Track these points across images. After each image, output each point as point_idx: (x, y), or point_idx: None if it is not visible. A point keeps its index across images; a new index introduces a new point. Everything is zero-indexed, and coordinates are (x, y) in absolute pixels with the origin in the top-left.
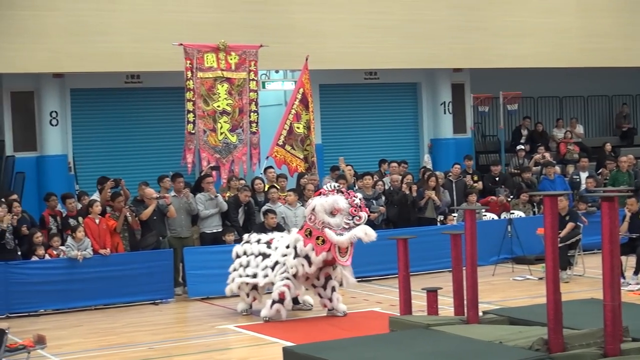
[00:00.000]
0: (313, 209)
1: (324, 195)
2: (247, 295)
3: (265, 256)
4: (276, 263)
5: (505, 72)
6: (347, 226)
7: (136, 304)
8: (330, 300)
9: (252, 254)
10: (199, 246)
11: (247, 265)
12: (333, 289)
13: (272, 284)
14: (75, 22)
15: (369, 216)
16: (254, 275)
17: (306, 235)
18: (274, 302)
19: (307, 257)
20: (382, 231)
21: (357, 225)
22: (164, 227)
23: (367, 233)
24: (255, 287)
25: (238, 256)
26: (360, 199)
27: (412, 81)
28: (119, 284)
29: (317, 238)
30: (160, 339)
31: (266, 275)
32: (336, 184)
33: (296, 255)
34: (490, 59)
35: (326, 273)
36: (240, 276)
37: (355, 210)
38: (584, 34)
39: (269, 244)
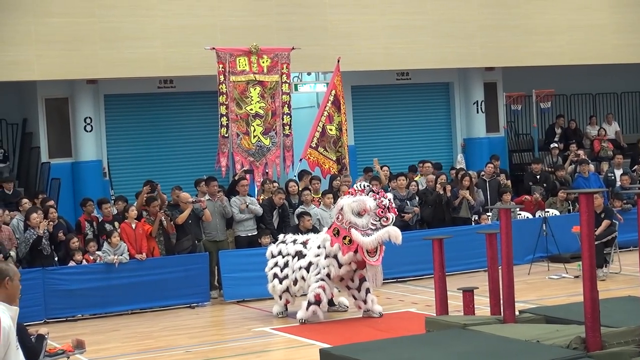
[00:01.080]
0: (341, 209)
1: (352, 194)
2: (280, 297)
3: (301, 256)
4: (310, 264)
5: (538, 70)
6: (373, 227)
7: (173, 308)
8: (365, 302)
9: (288, 254)
10: (234, 249)
11: (285, 266)
12: (367, 291)
13: (309, 285)
14: (109, 29)
15: (402, 217)
16: (286, 277)
17: (334, 234)
18: (309, 304)
19: (335, 257)
20: (417, 232)
21: (384, 226)
22: (199, 231)
23: (393, 235)
24: (287, 289)
25: (273, 256)
26: (389, 200)
27: (444, 81)
28: (155, 288)
29: (344, 238)
30: (197, 342)
31: (302, 277)
32: (366, 184)
33: (326, 256)
34: (523, 57)
35: (360, 275)
36: (276, 276)
37: (382, 212)
38: (617, 30)
39: (305, 244)
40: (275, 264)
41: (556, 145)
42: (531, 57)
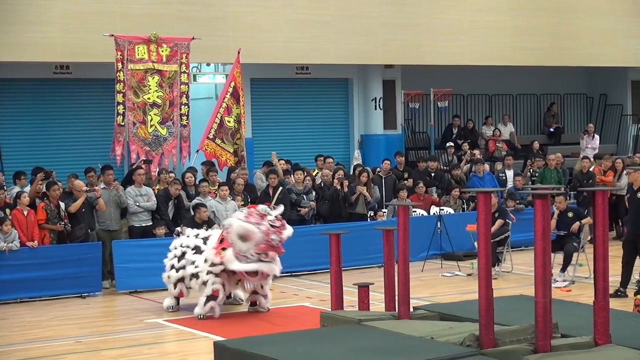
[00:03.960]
0: (230, 225)
1: (247, 217)
2: (174, 286)
3: (198, 251)
4: (205, 261)
5: (436, 69)
6: (252, 257)
7: (63, 297)
8: (265, 297)
9: (187, 246)
10: (128, 239)
11: (182, 257)
12: (262, 287)
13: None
14: (6, 12)
15: (298, 212)
16: (183, 267)
17: (220, 240)
18: (208, 299)
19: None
20: (313, 226)
21: (262, 261)
22: (93, 220)
23: (265, 271)
24: (182, 279)
25: (175, 248)
26: (279, 238)
27: (344, 77)
28: (46, 277)
29: (223, 249)
30: (87, 332)
31: (197, 274)
32: (268, 208)
33: (205, 260)
34: (422, 56)
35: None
36: (172, 266)
37: (265, 248)
38: (515, 33)
39: (205, 240)
40: (174, 255)
41: (452, 144)
42: (431, 56)
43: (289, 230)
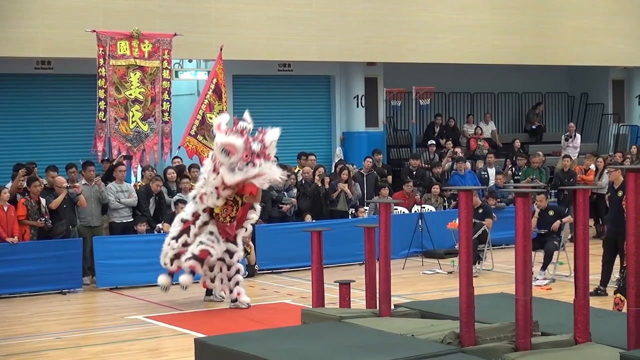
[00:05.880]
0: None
1: (227, 132)
2: (171, 262)
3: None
4: (180, 232)
5: (418, 67)
6: (239, 169)
7: (43, 294)
8: (231, 291)
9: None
10: (109, 235)
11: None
12: (237, 283)
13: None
14: None
15: (280, 208)
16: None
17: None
18: (190, 258)
19: (216, 188)
20: (295, 223)
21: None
22: (74, 216)
23: (267, 177)
24: (178, 256)
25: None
26: (262, 146)
27: (326, 74)
28: (26, 273)
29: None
30: (68, 329)
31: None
32: (247, 124)
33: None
34: (404, 54)
35: (238, 267)
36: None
37: (248, 156)
38: (497, 31)
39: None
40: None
41: (434, 142)
42: (413, 54)
43: (272, 134)
